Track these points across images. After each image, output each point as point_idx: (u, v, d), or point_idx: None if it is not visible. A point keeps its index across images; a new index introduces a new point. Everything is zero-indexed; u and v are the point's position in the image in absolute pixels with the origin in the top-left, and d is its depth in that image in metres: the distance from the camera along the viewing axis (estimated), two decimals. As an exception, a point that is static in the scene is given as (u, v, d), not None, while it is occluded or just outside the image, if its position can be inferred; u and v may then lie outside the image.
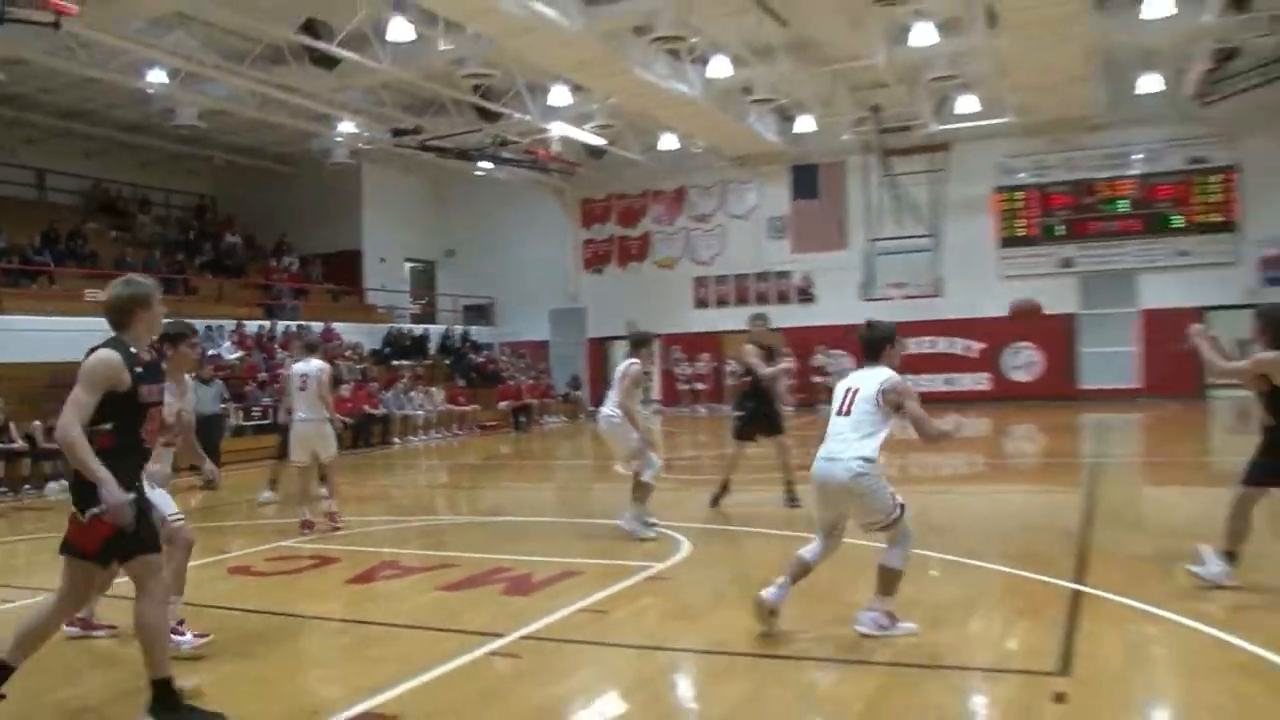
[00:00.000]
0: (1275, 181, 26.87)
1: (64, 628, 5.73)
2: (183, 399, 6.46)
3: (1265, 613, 6.54)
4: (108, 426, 4.80)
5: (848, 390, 6.41)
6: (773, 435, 11.57)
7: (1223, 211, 27.52)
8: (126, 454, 4.88)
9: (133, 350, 4.91)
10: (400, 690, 5.34)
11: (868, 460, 6.11)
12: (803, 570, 6.46)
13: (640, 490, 9.82)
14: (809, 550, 6.45)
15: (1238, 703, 4.94)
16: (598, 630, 6.55)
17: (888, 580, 6.21)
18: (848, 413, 6.30)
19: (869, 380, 6.32)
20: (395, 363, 28.03)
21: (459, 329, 32.85)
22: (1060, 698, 5.01)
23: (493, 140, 27.88)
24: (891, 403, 6.20)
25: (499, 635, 6.31)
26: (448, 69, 22.12)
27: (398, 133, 26.74)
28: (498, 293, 35.05)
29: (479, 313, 35.25)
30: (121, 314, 4.97)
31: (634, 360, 9.98)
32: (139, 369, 4.89)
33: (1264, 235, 27.05)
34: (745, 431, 11.58)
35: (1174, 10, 19.32)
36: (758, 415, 11.54)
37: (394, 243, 33.70)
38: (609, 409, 9.98)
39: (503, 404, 27.96)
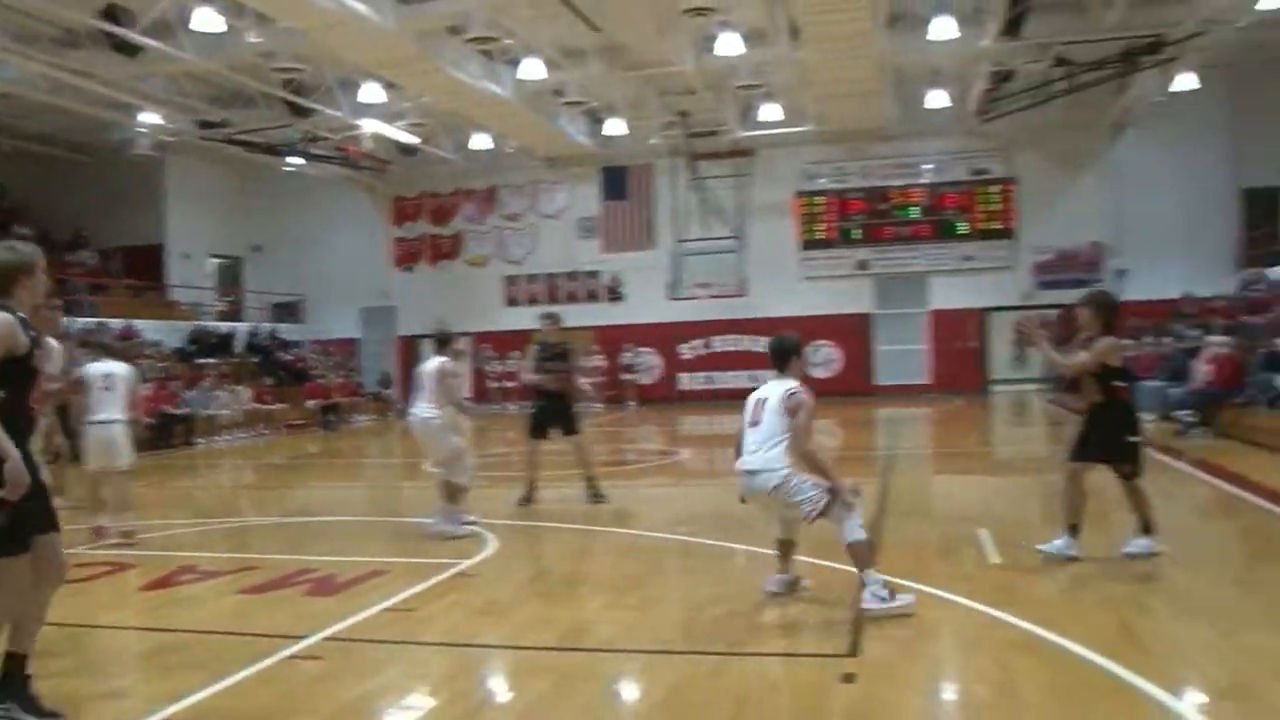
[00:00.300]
0: (1046, 194, 28.67)
1: None
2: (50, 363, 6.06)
3: (1035, 591, 6.91)
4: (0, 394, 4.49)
5: (757, 401, 6.60)
6: (568, 435, 11.54)
7: (1002, 220, 29.09)
8: (17, 423, 4.56)
9: (20, 314, 4.61)
10: (198, 698, 5.12)
11: (780, 468, 6.32)
12: (788, 548, 6.83)
13: (453, 490, 9.65)
14: (780, 529, 6.79)
15: (1009, 675, 5.21)
16: (403, 629, 6.43)
17: (860, 554, 6.36)
18: (758, 423, 6.49)
19: (775, 390, 6.53)
20: (200, 361, 26.90)
21: (267, 327, 31.74)
22: (849, 678, 5.19)
23: (303, 136, 27.10)
24: (790, 410, 6.40)
25: (301, 637, 6.12)
26: (257, 62, 21.38)
27: (204, 125, 25.71)
28: (307, 290, 34.04)
29: (288, 310, 34.13)
30: (4, 280, 4.67)
31: (445, 359, 9.84)
32: (32, 332, 4.61)
33: (1037, 243, 28.75)
34: (537, 430, 11.55)
35: (957, 33, 20.31)
36: (548, 413, 11.52)
37: (199, 237, 32.30)
38: (425, 410, 9.70)
39: (311, 403, 27.22)
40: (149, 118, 25.20)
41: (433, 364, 9.84)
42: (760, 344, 29.95)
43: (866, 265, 29.96)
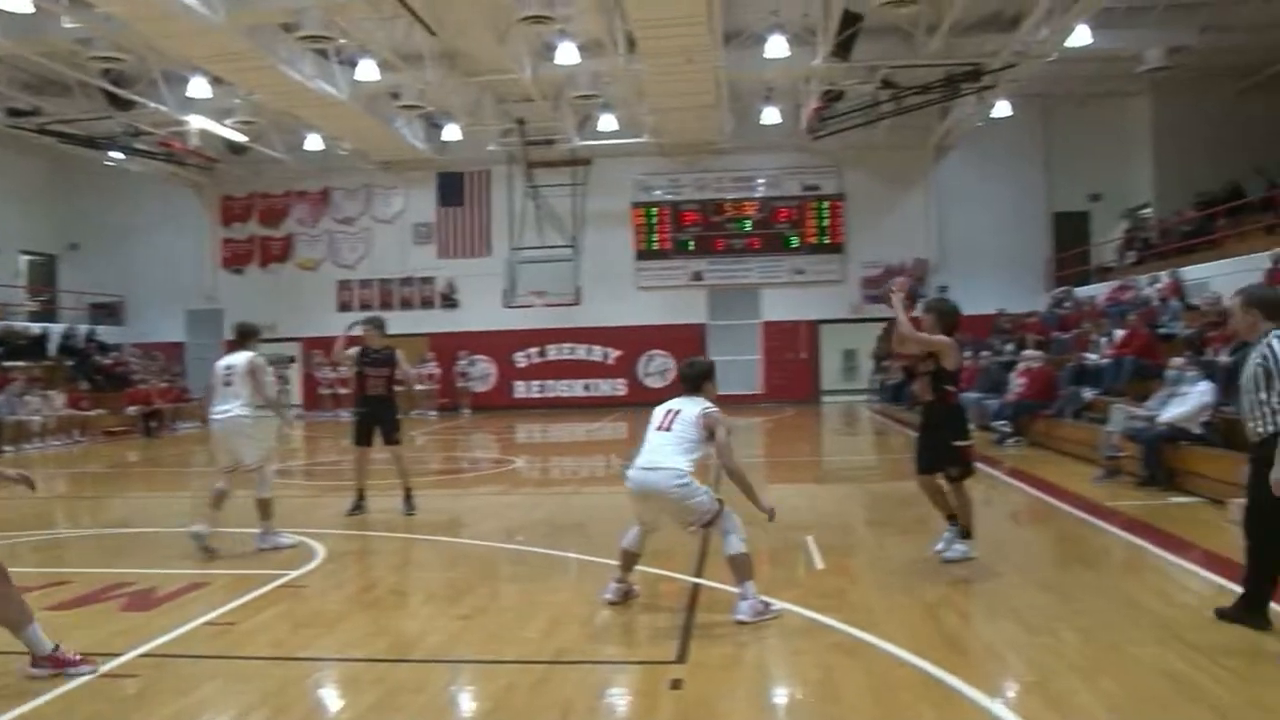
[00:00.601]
0: (872, 211, 29.73)
1: None
2: None
3: (858, 595, 7.13)
4: None
5: (668, 411, 6.82)
6: (388, 444, 11.32)
7: (832, 235, 29.92)
8: None
9: None
10: None
11: (685, 472, 6.50)
12: (632, 560, 6.93)
13: (265, 505, 9.20)
14: (629, 540, 6.88)
15: (832, 677, 5.37)
16: (224, 644, 6.23)
17: (741, 566, 6.48)
18: (669, 429, 6.68)
19: (690, 406, 6.79)
20: (8, 364, 25.45)
21: (83, 328, 30.20)
22: (677, 684, 5.27)
23: (125, 129, 25.98)
24: (708, 427, 6.64)
25: (115, 655, 5.88)
26: (73, 49, 20.38)
27: (13, 113, 24.37)
28: (129, 291, 32.55)
29: (107, 311, 32.53)
30: None
31: (253, 353, 9.37)
32: None
33: (865, 258, 29.71)
34: (362, 437, 11.31)
35: (789, 52, 20.88)
36: (371, 420, 11.30)
37: (7, 233, 30.51)
38: (237, 408, 9.15)
39: (132, 408, 26.06)
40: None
41: (241, 359, 9.31)
42: (595, 353, 30.43)
43: (701, 276, 30.42)
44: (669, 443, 6.63)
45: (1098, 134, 28.09)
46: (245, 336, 9.61)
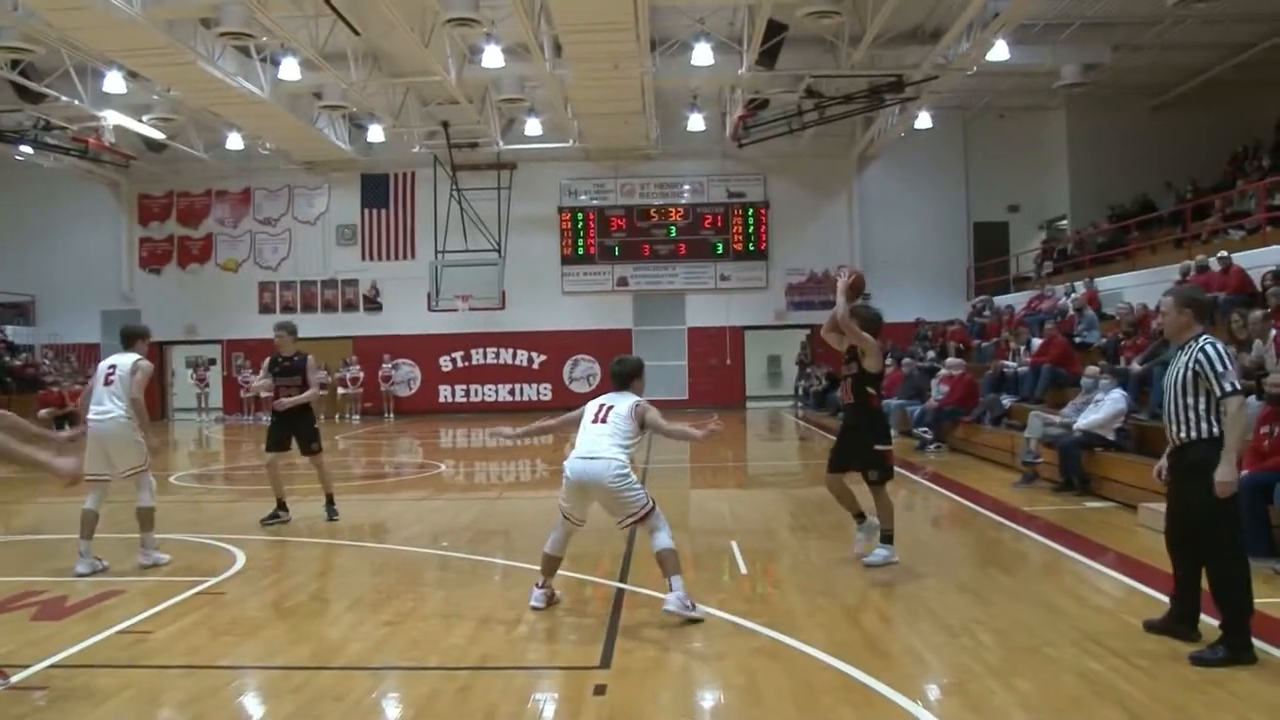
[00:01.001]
0: (796, 218, 30.07)
1: None
2: None
3: (778, 600, 7.19)
4: None
5: (602, 405, 6.92)
6: (304, 454, 11.09)
7: (757, 242, 30.16)
8: None
9: None
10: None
11: (625, 463, 6.64)
12: (554, 565, 6.97)
13: (146, 515, 8.72)
14: (551, 545, 6.90)
15: (754, 681, 5.41)
16: (138, 653, 6.08)
17: (669, 561, 6.54)
18: (604, 421, 6.79)
19: (622, 400, 6.91)
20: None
21: (-10, 328, 29.40)
22: (600, 689, 5.27)
23: (35, 123, 25.31)
24: (639, 418, 6.83)
25: (24, 666, 5.72)
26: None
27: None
28: (40, 290, 31.69)
29: (16, 311, 31.68)
30: None
31: (139, 356, 8.88)
32: None
33: (789, 264, 30.00)
34: (274, 443, 11.08)
35: (714, 60, 21.02)
36: (284, 428, 11.05)
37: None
38: (118, 410, 8.56)
39: (44, 411, 25.36)
40: None
41: (127, 360, 8.79)
42: (520, 357, 30.32)
43: (626, 281, 30.47)
44: (606, 434, 6.72)
45: (1016, 147, 28.74)
46: (132, 338, 9.09)
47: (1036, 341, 17.44)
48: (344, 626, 6.76)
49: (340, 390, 29.38)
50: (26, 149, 26.91)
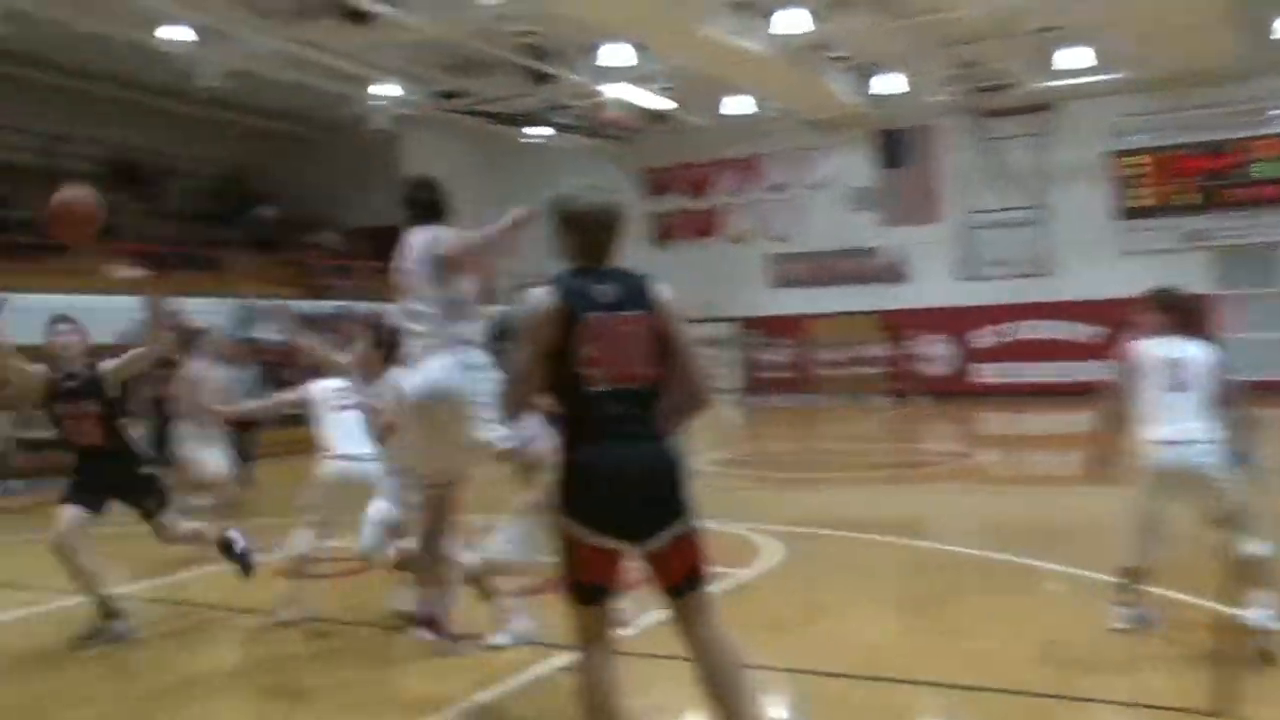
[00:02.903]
0: None
1: None
2: None
3: None
4: None
5: (1172, 361, 6.05)
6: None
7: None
8: None
9: None
10: None
11: (1218, 445, 5.83)
12: (1144, 578, 6.26)
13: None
14: (1136, 554, 6.22)
15: None
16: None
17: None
18: (1185, 388, 5.95)
19: (1197, 351, 6.06)
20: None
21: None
22: None
23: (545, 104, 27.75)
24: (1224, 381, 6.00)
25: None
26: (491, 25, 21.99)
27: (444, 96, 26.64)
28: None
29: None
30: None
31: None
32: None
33: None
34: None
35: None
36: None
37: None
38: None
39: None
40: (386, 89, 26.24)
41: None
42: (1076, 330, 28.73)
43: (1202, 236, 28.05)
44: (1192, 406, 5.79)
45: None
46: None
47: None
48: (886, 633, 6.68)
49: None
50: (539, 130, 29.46)
